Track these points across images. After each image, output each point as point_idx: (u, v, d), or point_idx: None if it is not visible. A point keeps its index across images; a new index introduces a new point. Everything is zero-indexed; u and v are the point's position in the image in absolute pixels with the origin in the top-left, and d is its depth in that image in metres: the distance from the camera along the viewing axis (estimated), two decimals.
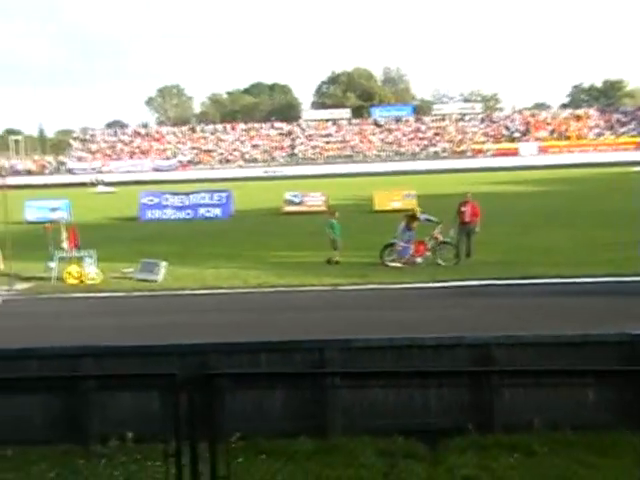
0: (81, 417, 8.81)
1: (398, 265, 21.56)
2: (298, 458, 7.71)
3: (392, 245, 22.10)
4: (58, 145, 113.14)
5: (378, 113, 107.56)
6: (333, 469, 7.44)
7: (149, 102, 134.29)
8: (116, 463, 7.54)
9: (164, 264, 20.95)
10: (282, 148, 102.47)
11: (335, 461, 7.62)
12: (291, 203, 40.01)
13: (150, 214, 39.26)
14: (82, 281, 20.71)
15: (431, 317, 15.01)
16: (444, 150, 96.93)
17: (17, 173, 79.70)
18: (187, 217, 38.74)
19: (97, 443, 8.24)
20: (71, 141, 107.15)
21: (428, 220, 22.40)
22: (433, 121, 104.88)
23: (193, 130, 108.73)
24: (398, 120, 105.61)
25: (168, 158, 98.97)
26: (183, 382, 5.97)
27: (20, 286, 20.53)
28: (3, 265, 18.57)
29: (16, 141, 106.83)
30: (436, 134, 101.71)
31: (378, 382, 8.65)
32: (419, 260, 21.83)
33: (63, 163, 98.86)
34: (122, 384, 8.62)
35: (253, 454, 7.66)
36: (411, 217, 22.45)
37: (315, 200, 39.68)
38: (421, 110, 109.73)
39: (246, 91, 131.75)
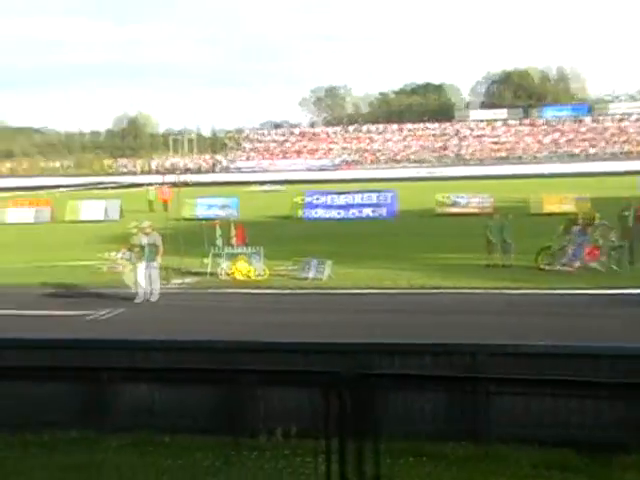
0: (239, 410, 9.11)
1: (568, 269, 20.85)
2: (449, 463, 7.64)
3: (549, 248, 21.44)
4: (226, 144, 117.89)
5: (549, 113, 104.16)
6: (485, 476, 7.32)
7: (303, 102, 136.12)
8: (268, 457, 7.75)
9: (328, 263, 21.28)
10: (442, 148, 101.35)
11: (487, 469, 7.49)
12: (454, 204, 39.55)
13: (314, 213, 39.96)
14: (248, 277, 21.41)
15: (598, 324, 14.38)
16: (621, 152, 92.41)
17: (188, 171, 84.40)
18: (352, 217, 39.12)
19: (252, 436, 8.50)
20: (232, 140, 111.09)
21: (603, 224, 21.59)
22: (608, 121, 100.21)
23: (350, 130, 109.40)
24: (570, 120, 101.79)
25: (323, 158, 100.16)
26: (341, 381, 6.05)
27: (187, 280, 21.49)
28: (161, 260, 19.39)
29: (187, 140, 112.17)
30: (612, 134, 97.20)
31: (536, 390, 8.39)
32: (593, 265, 21.02)
33: (232, 161, 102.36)
34: (281, 380, 8.85)
35: (405, 456, 7.67)
36: (584, 220, 21.70)
37: (480, 202, 38.99)
38: (595, 109, 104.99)
39: (403, 91, 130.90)
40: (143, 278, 18.78)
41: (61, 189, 63.12)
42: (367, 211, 39.66)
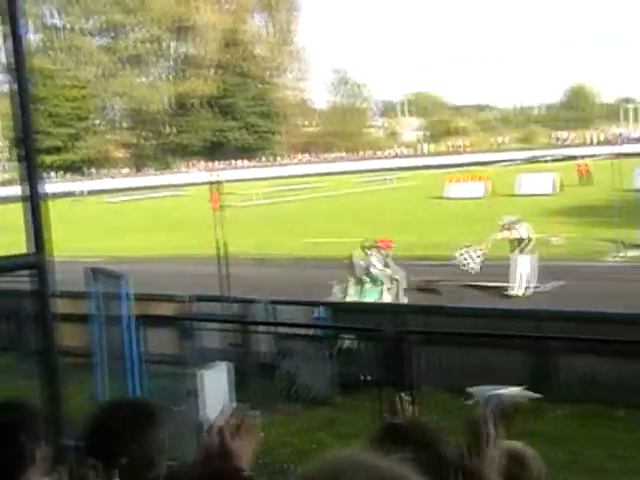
0: None
1: None
2: None
3: None
4: None
5: None
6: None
7: None
8: None
9: None
10: None
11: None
12: None
13: None
14: None
15: None
16: None
17: (629, 141, 76.00)
18: None
19: None
20: None
21: None
22: None
23: None
24: None
25: None
26: None
27: (632, 253, 20.42)
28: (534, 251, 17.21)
29: (630, 109, 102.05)
30: None
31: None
32: None
33: None
34: None
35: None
36: None
37: None
38: None
39: None
40: (518, 272, 16.98)
41: (502, 164, 64.67)
42: None
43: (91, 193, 69.53)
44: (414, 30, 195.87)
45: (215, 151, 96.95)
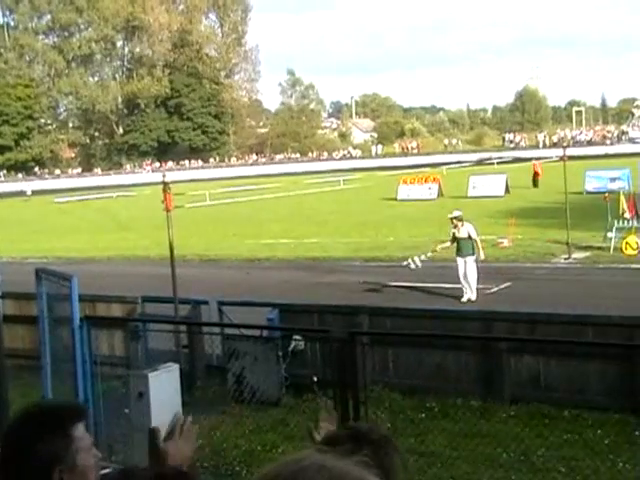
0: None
1: None
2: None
3: None
4: (620, 114, 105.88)
5: None
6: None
7: None
8: None
9: None
10: None
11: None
12: None
13: None
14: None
15: None
16: None
17: (578, 144, 77.69)
18: None
19: None
20: (633, 110, 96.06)
21: None
22: None
23: None
24: None
25: None
26: None
27: (578, 255, 20.79)
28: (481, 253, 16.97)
29: (578, 112, 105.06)
30: None
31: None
32: None
33: (625, 132, 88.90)
34: None
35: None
36: None
37: None
38: None
39: None
40: (461, 274, 16.63)
41: (453, 166, 64.78)
42: None
43: (39, 193, 68.52)
44: (365, 32, 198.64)
45: (166, 151, 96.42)
